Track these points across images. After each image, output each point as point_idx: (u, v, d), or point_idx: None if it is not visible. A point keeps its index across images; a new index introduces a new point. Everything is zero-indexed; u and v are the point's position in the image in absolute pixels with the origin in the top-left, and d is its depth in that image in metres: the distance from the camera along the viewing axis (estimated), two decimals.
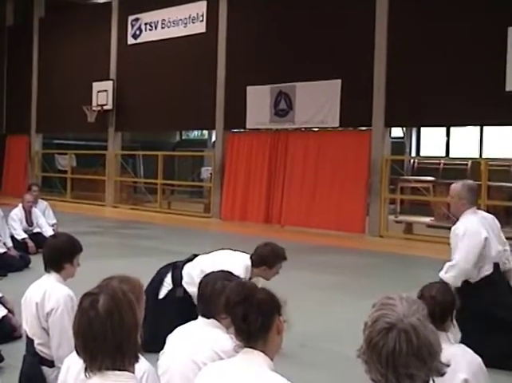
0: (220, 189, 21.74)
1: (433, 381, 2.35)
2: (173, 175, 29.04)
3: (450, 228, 18.45)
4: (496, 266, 6.83)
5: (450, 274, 6.67)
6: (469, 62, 16.01)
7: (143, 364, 3.23)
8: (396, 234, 17.99)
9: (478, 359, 3.92)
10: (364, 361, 2.36)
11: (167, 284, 7.16)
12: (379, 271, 12.84)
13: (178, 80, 22.92)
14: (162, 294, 7.09)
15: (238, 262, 6.95)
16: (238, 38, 21.25)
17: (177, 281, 7.08)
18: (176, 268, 7.23)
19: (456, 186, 6.96)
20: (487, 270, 6.76)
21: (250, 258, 7.04)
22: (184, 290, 6.95)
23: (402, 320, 2.28)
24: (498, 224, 7.14)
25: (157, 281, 7.23)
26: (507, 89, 15.11)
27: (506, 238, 8.38)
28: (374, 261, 14.11)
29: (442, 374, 2.36)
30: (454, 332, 4.19)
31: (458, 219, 6.94)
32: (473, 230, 6.72)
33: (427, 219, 20.03)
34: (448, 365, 2.40)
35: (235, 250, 7.32)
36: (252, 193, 20.60)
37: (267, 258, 7.02)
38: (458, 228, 6.79)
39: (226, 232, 18.79)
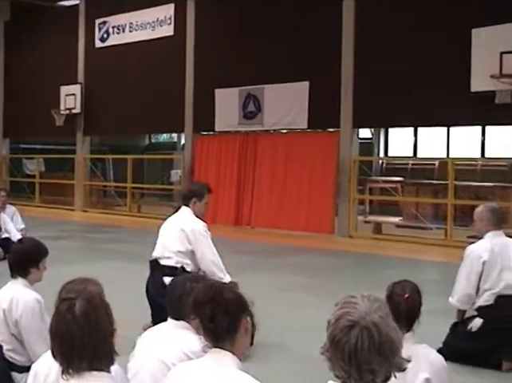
0: None
1: (394, 376, 2.41)
2: (142, 179, 28.98)
3: (418, 228, 18.63)
4: (501, 299, 6.59)
5: (453, 299, 6.80)
6: (435, 64, 16.18)
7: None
8: (365, 235, 18.13)
9: (441, 358, 4.00)
10: (328, 358, 2.41)
11: None
12: (348, 271, 12.92)
13: (146, 83, 22.90)
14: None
15: (182, 217, 7.67)
16: (207, 41, 21.28)
17: None
18: None
19: (478, 208, 6.87)
20: (486, 301, 6.61)
21: (183, 203, 7.71)
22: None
23: (364, 317, 2.34)
24: None
25: None
26: (472, 90, 15.30)
27: (474, 237, 8.31)
28: (343, 261, 14.20)
29: (403, 369, 2.43)
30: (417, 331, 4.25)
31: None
32: (476, 253, 6.65)
33: (396, 219, 20.18)
34: (409, 361, 2.46)
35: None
36: (222, 195, 20.61)
37: (196, 191, 7.72)
38: (467, 248, 6.81)
39: None
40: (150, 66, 22.83)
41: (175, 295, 4.18)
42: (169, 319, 4.16)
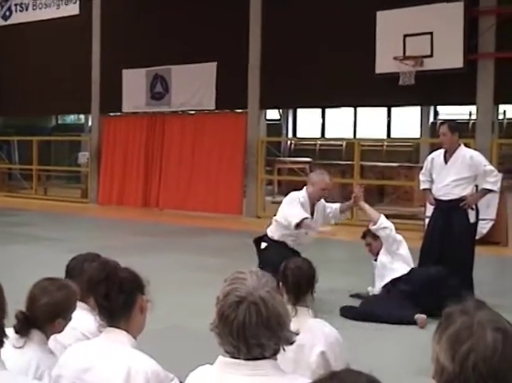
0: (97, 174, 21.52)
1: (283, 349, 2.46)
2: (49, 161, 28.47)
3: None
4: None
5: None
6: (341, 46, 16.37)
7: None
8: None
9: (335, 332, 4.09)
10: (217, 334, 2.44)
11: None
12: (255, 252, 12.97)
13: (52, 63, 22.47)
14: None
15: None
16: (113, 21, 20.99)
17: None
18: None
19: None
20: None
21: None
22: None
23: (252, 293, 2.37)
24: None
25: None
26: (377, 72, 15.57)
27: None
28: (251, 241, 14.26)
29: (291, 343, 2.47)
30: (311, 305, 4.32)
31: None
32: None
33: None
34: (297, 334, 2.51)
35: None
36: (129, 177, 20.49)
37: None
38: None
39: (104, 217, 18.65)
40: (55, 46, 22.40)
41: (73, 276, 4.15)
42: None
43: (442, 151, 8.78)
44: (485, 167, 8.58)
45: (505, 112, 19.81)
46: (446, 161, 8.66)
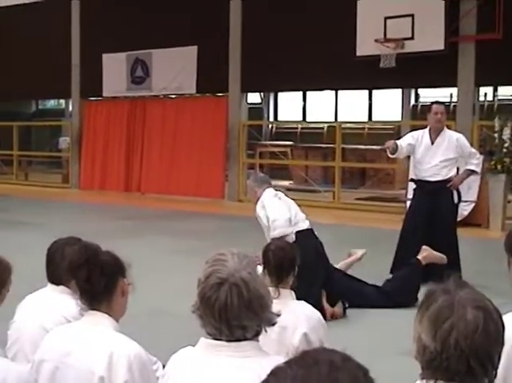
0: (78, 159, 21.43)
1: (265, 330, 2.46)
2: (30, 146, 28.31)
3: (308, 191, 18.92)
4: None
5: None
6: (322, 28, 16.35)
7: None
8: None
9: (318, 314, 4.10)
10: (199, 316, 2.44)
11: None
12: (238, 235, 12.97)
13: (31, 48, 22.27)
14: None
15: None
16: (93, 4, 20.83)
17: None
18: None
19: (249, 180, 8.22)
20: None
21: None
22: None
23: (233, 274, 2.37)
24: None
25: None
26: (358, 54, 15.59)
27: (361, 199, 8.80)
28: (233, 225, 14.30)
29: (273, 324, 2.48)
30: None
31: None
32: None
33: (286, 183, 20.40)
34: (279, 315, 2.52)
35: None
36: (111, 162, 20.42)
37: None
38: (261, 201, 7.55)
39: (86, 202, 18.59)
40: (35, 30, 22.18)
41: (54, 260, 4.12)
42: (48, 284, 4.12)
43: (425, 131, 8.76)
44: (469, 149, 8.67)
45: (486, 94, 19.81)
46: (432, 142, 8.65)
